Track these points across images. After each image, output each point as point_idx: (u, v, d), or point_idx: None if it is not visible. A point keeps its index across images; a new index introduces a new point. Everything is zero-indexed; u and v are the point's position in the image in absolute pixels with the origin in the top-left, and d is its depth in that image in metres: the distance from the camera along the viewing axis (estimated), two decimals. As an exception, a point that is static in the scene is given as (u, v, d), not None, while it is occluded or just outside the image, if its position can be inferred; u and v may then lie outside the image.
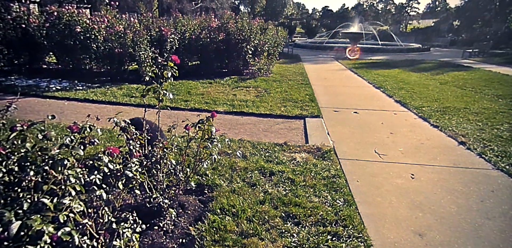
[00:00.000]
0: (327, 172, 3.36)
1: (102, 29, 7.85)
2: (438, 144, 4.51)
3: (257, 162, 3.48)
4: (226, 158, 3.57)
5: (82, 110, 5.49)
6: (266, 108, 5.92)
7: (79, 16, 7.71)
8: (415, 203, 2.90)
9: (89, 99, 6.15)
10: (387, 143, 4.50)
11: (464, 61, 16.81)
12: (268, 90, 7.56)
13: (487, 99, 7.44)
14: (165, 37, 8.61)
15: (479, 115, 5.98)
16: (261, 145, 4.04)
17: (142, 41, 7.74)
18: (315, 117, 5.60)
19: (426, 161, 3.87)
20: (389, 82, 9.48)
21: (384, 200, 2.93)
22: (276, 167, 3.39)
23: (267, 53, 11.09)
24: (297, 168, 3.42)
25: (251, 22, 10.66)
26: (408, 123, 5.53)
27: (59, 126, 4.41)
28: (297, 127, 5.12)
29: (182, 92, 6.98)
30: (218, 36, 9.62)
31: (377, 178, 3.37)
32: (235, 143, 4.07)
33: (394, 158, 3.93)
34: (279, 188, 2.98)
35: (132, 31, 7.81)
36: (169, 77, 2.55)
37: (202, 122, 2.31)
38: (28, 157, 1.45)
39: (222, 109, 5.74)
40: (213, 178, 3.04)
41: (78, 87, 7.05)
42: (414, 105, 6.62)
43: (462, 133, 4.91)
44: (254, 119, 5.41)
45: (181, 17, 9.82)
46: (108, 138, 4.09)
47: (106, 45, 7.82)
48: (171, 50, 8.71)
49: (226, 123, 5.16)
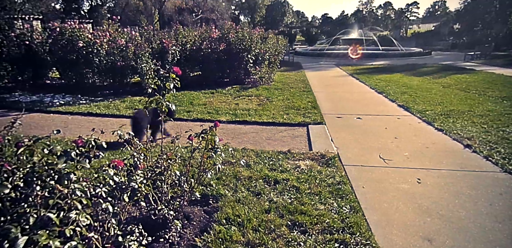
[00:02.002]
0: (332, 179, 3.34)
1: (104, 43, 7.97)
2: (444, 147, 4.48)
3: (261, 171, 3.48)
4: (230, 167, 3.57)
5: (85, 124, 5.54)
6: (269, 116, 5.94)
7: (81, 31, 7.86)
8: (423, 208, 2.87)
9: (93, 112, 6.21)
10: (391, 148, 4.48)
11: (466, 63, 16.79)
12: (270, 98, 7.60)
13: (491, 101, 7.40)
14: (166, 49, 8.73)
15: (484, 118, 5.94)
16: (265, 154, 4.04)
17: (143, 54, 7.84)
18: (318, 124, 5.60)
19: (432, 165, 3.84)
20: (392, 86, 9.48)
21: (391, 206, 2.90)
22: (281, 175, 3.38)
23: (268, 61, 11.18)
24: (301, 175, 3.41)
25: (252, 31, 10.79)
26: (412, 128, 5.51)
27: (63, 141, 4.44)
28: (301, 134, 5.12)
29: (185, 103, 7.04)
30: (219, 46, 9.73)
31: (383, 184, 3.35)
32: (239, 152, 4.08)
33: (399, 163, 3.90)
34: (284, 196, 2.96)
35: (133, 44, 7.93)
36: (171, 89, 2.58)
37: (205, 132, 2.33)
38: (35, 172, 1.47)
39: (224, 119, 5.77)
40: (218, 188, 3.04)
41: (81, 101, 7.14)
42: (418, 109, 6.60)
43: (467, 136, 4.87)
44: (257, 127, 5.43)
45: (181, 29, 9.97)
46: (112, 151, 4.11)
47: (108, 59, 7.93)
48: (173, 61, 8.81)
49: (229, 132, 5.18)
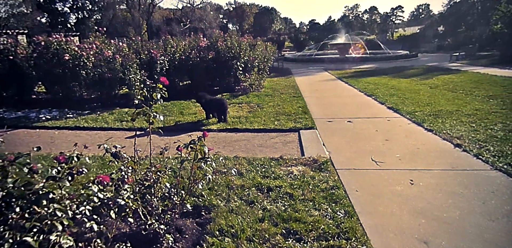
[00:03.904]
0: (326, 184, 3.31)
1: (91, 55, 7.90)
2: (434, 148, 4.50)
3: (253, 179, 3.43)
4: (221, 176, 3.52)
5: (73, 139, 5.42)
6: (260, 123, 5.92)
7: (68, 44, 7.79)
8: (417, 210, 2.85)
9: (80, 126, 6.08)
10: (383, 150, 4.48)
11: (451, 64, 17.11)
12: (261, 105, 7.59)
13: (478, 101, 7.51)
14: (155, 59, 8.70)
15: (471, 117, 6.01)
16: (257, 161, 4.00)
17: (131, 65, 7.80)
18: (309, 129, 5.59)
19: (424, 166, 3.85)
20: (380, 89, 9.57)
21: (386, 209, 2.88)
22: (274, 183, 3.34)
23: (258, 68, 11.22)
24: (294, 182, 3.38)
25: (240, 39, 10.85)
26: (403, 129, 5.54)
27: (49, 157, 4.32)
28: (292, 140, 5.10)
29: (175, 113, 6.98)
30: (207, 55, 9.75)
31: (376, 187, 3.33)
32: (230, 160, 4.03)
33: (391, 165, 3.90)
34: (278, 204, 2.92)
35: (121, 56, 7.88)
36: (158, 99, 2.54)
37: (193, 143, 2.29)
38: (14, 193, 1.41)
39: (215, 127, 5.73)
40: (210, 199, 2.98)
41: (68, 115, 7.00)
42: (407, 111, 6.65)
43: (456, 136, 4.91)
44: (248, 135, 5.40)
45: (170, 39, 9.97)
46: (99, 165, 4.03)
47: (95, 71, 7.85)
48: (161, 71, 8.78)
49: (220, 141, 5.13)
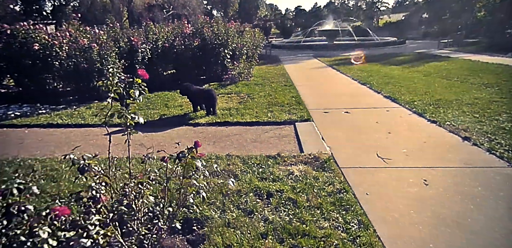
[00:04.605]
0: (331, 187, 2.94)
1: (64, 44, 7.20)
2: (442, 141, 4.19)
3: (250, 182, 3.03)
4: (215, 180, 3.10)
5: (45, 138, 4.83)
6: (252, 115, 5.48)
7: (37, 33, 7.06)
8: (438, 217, 2.52)
9: (54, 123, 5.44)
10: (387, 144, 4.14)
11: (440, 51, 16.94)
12: (251, 95, 7.13)
13: (475, 89, 7.26)
14: (135, 47, 8.06)
15: (473, 106, 5.75)
16: (252, 160, 3.59)
17: (109, 54, 7.15)
18: (305, 121, 5.20)
19: (434, 162, 3.53)
20: (374, 77, 9.24)
21: (403, 217, 2.54)
22: (273, 186, 2.95)
23: (246, 56, 10.69)
24: (296, 184, 2.99)
25: (227, 25, 10.25)
26: (404, 120, 5.22)
27: (15, 162, 3.78)
28: (288, 133, 4.71)
29: (159, 105, 6.45)
30: (193, 42, 9.15)
31: (387, 188, 2.99)
32: (223, 160, 3.61)
33: (399, 162, 3.56)
34: (281, 213, 2.53)
35: (98, 44, 7.22)
36: (137, 97, 2.07)
37: (183, 156, 1.83)
38: None
39: (204, 121, 5.26)
40: (202, 209, 2.56)
41: (41, 111, 6.33)
42: (405, 100, 6.34)
43: (462, 127, 4.62)
44: (240, 128, 4.97)
45: (152, 25, 9.27)
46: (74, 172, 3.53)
47: (70, 62, 7.17)
48: (143, 61, 8.16)
49: (210, 136, 4.69)
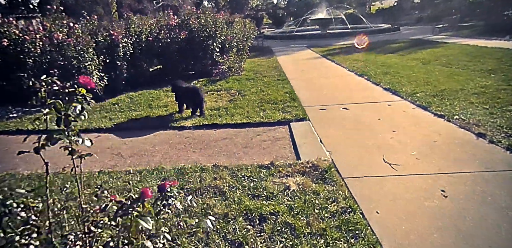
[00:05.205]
0: (335, 205, 2.50)
1: (38, 39, 6.61)
2: (453, 139, 3.76)
3: (240, 202, 2.58)
4: (198, 199, 2.65)
5: (13, 147, 4.29)
6: (243, 115, 5.00)
7: (6, 27, 6.45)
8: (468, 241, 2.09)
9: (24, 129, 4.90)
10: (393, 145, 3.71)
11: (436, 37, 16.47)
12: (242, 91, 6.62)
13: (479, 76, 6.82)
14: (116, 41, 7.46)
15: (481, 96, 5.32)
16: (243, 171, 3.13)
17: (86, 50, 6.57)
18: (300, 120, 4.74)
19: (450, 166, 3.10)
20: (371, 67, 8.76)
21: (424, 240, 2.11)
22: (267, 207, 2.49)
23: (236, 48, 10.13)
24: (294, 203, 2.54)
25: (215, 16, 9.64)
26: (408, 115, 4.78)
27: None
28: (283, 136, 4.25)
29: (142, 105, 5.93)
30: (179, 35, 8.56)
31: (400, 202, 2.56)
32: (209, 172, 3.14)
33: (410, 168, 3.13)
34: (277, 245, 2.09)
35: (73, 38, 6.63)
36: (80, 114, 1.57)
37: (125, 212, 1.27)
38: None
39: (190, 124, 4.77)
40: (182, 242, 2.10)
41: (12, 115, 5.78)
42: (407, 92, 5.89)
43: (473, 122, 4.19)
44: (230, 131, 4.49)
45: (133, 17, 8.63)
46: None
47: (45, 58, 6.61)
48: (125, 56, 7.58)
49: (196, 141, 4.21)
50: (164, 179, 3.02)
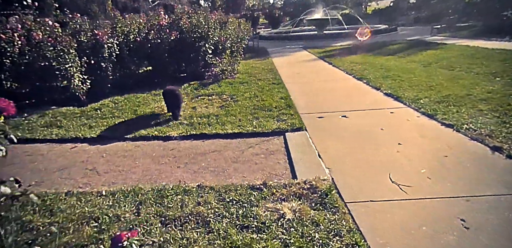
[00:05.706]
0: (338, 239, 2.11)
1: (16, 38, 6.17)
2: (466, 153, 3.39)
3: (226, 236, 2.18)
4: (177, 231, 2.25)
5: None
6: (234, 124, 4.59)
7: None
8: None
9: None
10: (401, 161, 3.33)
11: (434, 37, 16.19)
12: (235, 96, 6.21)
13: (484, 80, 6.48)
14: (100, 42, 7.02)
15: (489, 103, 4.97)
16: (231, 193, 2.73)
17: (66, 51, 6.12)
18: (297, 130, 4.34)
19: (467, 188, 2.72)
20: (369, 70, 8.40)
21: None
22: (257, 243, 2.09)
23: (230, 50, 9.71)
24: (289, 238, 2.14)
25: (209, 15, 9.22)
26: (413, 125, 4.41)
27: None
28: (277, 148, 3.85)
29: (126, 111, 5.49)
30: (170, 35, 8.14)
31: (414, 238, 2.17)
32: (192, 195, 2.74)
33: (422, 190, 2.75)
34: None
35: (53, 38, 6.18)
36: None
37: None
38: None
39: (176, 133, 4.35)
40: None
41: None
42: (410, 98, 5.53)
43: (486, 133, 3.83)
44: (219, 142, 4.08)
45: (120, 16, 8.17)
46: None
47: (23, 59, 6.16)
48: (111, 57, 7.13)
49: (182, 154, 3.79)
50: (140, 203, 2.61)
